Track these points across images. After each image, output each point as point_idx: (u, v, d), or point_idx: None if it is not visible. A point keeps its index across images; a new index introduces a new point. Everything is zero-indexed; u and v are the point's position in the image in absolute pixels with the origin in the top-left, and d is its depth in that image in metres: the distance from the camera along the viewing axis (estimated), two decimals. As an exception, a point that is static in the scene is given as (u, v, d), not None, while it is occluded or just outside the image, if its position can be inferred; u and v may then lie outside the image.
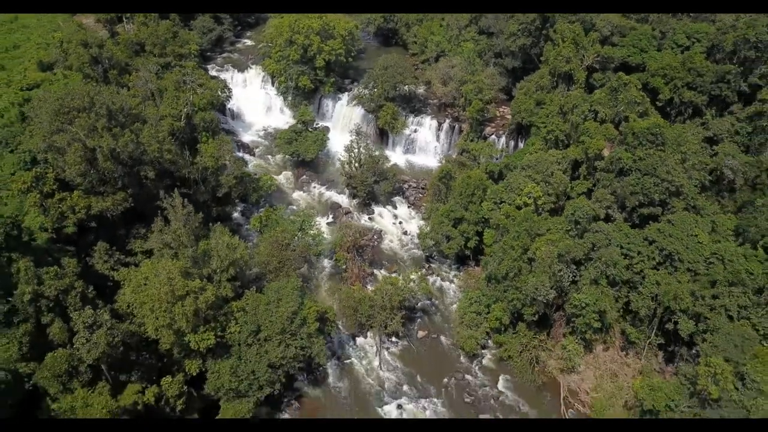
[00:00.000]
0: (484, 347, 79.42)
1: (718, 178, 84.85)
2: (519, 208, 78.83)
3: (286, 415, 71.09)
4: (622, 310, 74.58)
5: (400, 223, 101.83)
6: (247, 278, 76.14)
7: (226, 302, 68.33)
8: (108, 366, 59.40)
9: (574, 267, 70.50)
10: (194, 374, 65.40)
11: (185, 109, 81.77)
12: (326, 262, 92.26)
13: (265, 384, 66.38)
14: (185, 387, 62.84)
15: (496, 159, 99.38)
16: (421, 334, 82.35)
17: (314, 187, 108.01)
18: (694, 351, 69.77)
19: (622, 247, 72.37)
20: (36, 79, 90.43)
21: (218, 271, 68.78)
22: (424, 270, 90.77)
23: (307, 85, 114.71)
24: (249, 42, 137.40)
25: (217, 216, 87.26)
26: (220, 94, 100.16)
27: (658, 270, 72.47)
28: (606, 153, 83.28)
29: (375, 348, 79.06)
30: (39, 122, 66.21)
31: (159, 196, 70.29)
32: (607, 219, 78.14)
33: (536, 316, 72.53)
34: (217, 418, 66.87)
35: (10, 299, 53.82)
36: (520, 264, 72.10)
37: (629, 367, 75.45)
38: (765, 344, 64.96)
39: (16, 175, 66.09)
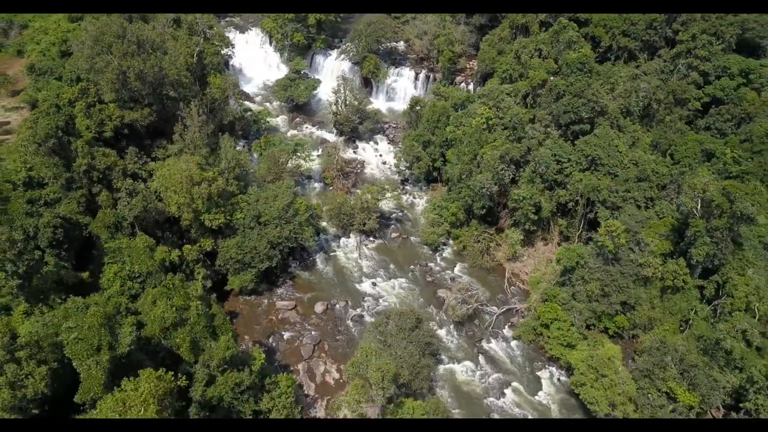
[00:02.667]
0: (444, 244, 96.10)
1: (648, 113, 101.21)
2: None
3: (281, 291, 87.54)
4: (556, 209, 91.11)
5: (380, 155, 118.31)
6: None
7: (233, 196, 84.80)
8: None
9: (514, 168, 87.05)
10: (208, 249, 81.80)
11: (197, 48, 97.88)
12: (316, 184, 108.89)
13: (265, 258, 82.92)
14: (202, 256, 79.18)
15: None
16: (394, 235, 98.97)
17: (306, 127, 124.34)
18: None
19: (555, 155, 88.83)
20: (69, 27, 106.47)
21: (226, 171, 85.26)
22: (399, 190, 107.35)
23: (301, 40, 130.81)
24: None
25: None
26: (223, 50, 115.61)
27: (584, 173, 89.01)
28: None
29: (355, 244, 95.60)
30: (81, 48, 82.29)
31: (177, 115, 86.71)
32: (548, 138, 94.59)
33: (484, 209, 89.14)
34: (225, 288, 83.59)
35: (67, 173, 70.25)
36: (471, 167, 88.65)
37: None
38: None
39: (63, 89, 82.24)
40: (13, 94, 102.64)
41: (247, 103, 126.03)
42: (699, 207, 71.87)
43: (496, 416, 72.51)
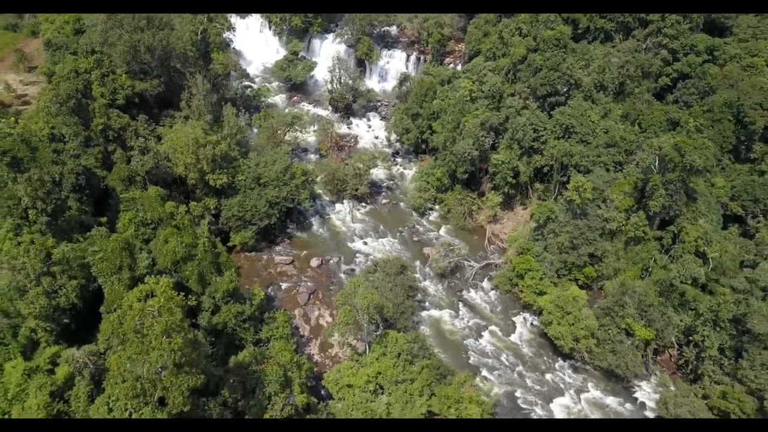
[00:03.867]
0: (431, 209, 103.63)
1: (622, 89, 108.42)
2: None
3: (279, 248, 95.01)
4: (534, 175, 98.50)
5: (373, 131, 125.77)
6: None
7: (234, 160, 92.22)
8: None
9: (493, 135, 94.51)
10: (212, 209, 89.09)
11: (201, 26, 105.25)
12: (311, 155, 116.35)
13: (264, 216, 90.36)
14: (206, 211, 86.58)
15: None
16: (384, 201, 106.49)
17: (303, 105, 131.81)
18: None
19: (532, 124, 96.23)
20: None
21: (228, 136, 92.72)
22: (390, 162, 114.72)
23: (298, 24, 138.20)
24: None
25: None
26: (225, 33, 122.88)
27: (559, 140, 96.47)
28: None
29: (348, 209, 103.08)
30: (95, 23, 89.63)
31: (184, 85, 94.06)
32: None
33: (466, 174, 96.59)
34: (228, 244, 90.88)
35: (86, 131, 77.65)
36: (454, 135, 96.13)
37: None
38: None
39: (79, 60, 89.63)
40: (29, 70, 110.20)
41: (247, 82, 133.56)
42: (656, 164, 79.34)
43: (473, 355, 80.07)
